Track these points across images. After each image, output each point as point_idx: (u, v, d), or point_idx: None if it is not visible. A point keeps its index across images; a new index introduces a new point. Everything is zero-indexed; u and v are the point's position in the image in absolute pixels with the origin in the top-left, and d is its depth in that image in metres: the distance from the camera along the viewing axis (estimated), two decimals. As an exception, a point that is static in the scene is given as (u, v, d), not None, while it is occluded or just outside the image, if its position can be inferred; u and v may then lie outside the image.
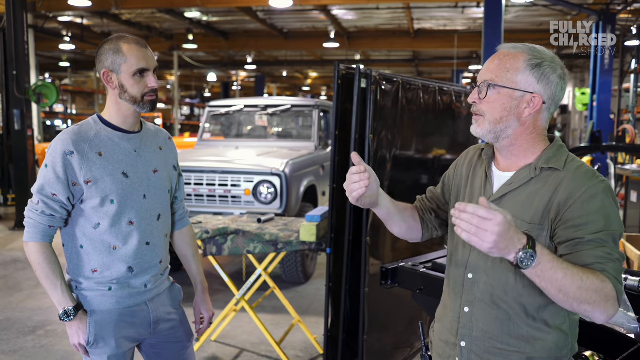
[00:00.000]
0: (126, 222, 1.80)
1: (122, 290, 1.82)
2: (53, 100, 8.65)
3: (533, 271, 1.16)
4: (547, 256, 1.16)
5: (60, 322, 1.86)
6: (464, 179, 1.53)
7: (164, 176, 1.93)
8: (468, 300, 1.42)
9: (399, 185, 3.39)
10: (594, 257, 1.23)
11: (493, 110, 1.35)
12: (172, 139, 2.04)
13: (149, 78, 1.77)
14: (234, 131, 6.59)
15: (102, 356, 1.80)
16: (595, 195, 1.27)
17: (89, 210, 1.77)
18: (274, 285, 3.69)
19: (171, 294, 2.00)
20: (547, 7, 11.00)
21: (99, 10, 11.73)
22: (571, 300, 1.19)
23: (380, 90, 3.05)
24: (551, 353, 1.35)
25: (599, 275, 1.20)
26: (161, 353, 1.97)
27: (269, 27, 14.50)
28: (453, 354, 1.47)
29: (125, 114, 1.81)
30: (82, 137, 1.75)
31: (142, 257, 1.84)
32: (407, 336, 3.59)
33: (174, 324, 1.98)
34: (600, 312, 1.20)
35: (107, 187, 1.76)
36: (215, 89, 30.45)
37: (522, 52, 1.34)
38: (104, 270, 1.79)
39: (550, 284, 1.17)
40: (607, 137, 10.67)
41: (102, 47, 1.79)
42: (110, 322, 1.80)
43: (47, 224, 1.75)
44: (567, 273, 1.17)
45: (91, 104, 22.97)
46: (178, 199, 2.08)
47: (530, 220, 1.32)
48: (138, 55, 1.75)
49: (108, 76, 1.77)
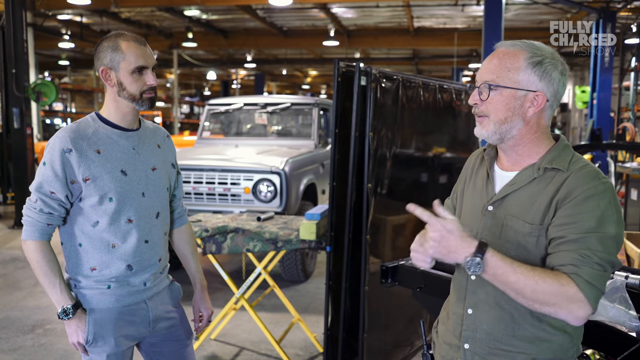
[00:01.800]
0: (125, 220, 1.79)
1: (121, 289, 1.81)
2: (52, 98, 8.64)
3: (485, 276, 1.21)
4: (498, 262, 1.20)
5: (59, 321, 1.86)
6: (467, 180, 1.53)
7: (163, 174, 1.92)
8: (472, 302, 1.41)
9: (399, 183, 3.38)
10: (569, 259, 1.22)
11: (497, 111, 1.34)
12: (170, 137, 2.04)
13: (148, 75, 1.76)
14: (233, 129, 6.58)
15: (101, 355, 1.79)
16: (592, 196, 1.25)
17: (88, 208, 1.76)
18: (273, 284, 3.68)
19: (171, 293, 1.99)
20: (547, 5, 10.98)
21: (98, 8, 11.72)
22: (530, 302, 1.21)
23: (380, 88, 3.04)
24: (556, 355, 1.34)
25: (560, 278, 1.20)
26: (161, 352, 1.97)
27: (269, 25, 14.49)
28: (456, 356, 1.45)
29: (123, 111, 1.80)
30: (81, 135, 1.73)
31: (141, 255, 1.83)
32: (407, 335, 3.59)
33: (174, 323, 1.97)
34: (565, 314, 1.20)
35: (105, 185, 1.74)
36: (215, 87, 30.44)
37: (521, 49, 1.32)
38: (103, 269, 1.78)
39: (505, 286, 1.22)
40: (607, 135, 10.67)
41: (100, 44, 1.77)
42: (109, 321, 1.79)
43: (45, 222, 1.74)
44: (520, 277, 1.19)
45: (90, 102, 22.97)
46: (177, 197, 2.07)
47: (531, 220, 1.31)
48: (137, 52, 1.74)
49: (106, 74, 1.76)
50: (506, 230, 1.34)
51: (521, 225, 1.31)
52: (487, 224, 1.39)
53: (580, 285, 1.19)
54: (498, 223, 1.37)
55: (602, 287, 1.22)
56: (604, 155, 10.39)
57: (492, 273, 1.20)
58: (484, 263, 1.19)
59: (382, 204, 3.16)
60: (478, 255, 1.19)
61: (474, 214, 1.44)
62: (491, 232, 1.38)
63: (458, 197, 1.57)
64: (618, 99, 12.73)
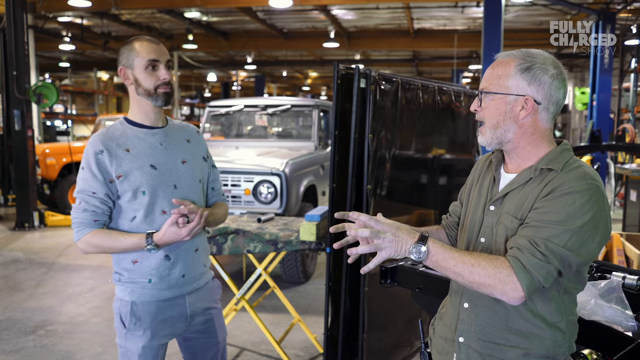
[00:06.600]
0: (159, 211, 1.89)
1: (161, 282, 1.90)
2: (53, 100, 8.65)
3: (428, 261, 1.32)
4: (439, 248, 1.31)
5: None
6: (475, 182, 1.58)
7: (194, 167, 2.00)
8: (468, 296, 1.45)
9: (399, 184, 3.40)
10: (518, 243, 1.30)
11: (490, 116, 1.41)
12: (200, 132, 2.13)
13: (161, 70, 1.87)
14: (234, 131, 6.60)
15: (137, 344, 1.88)
16: (571, 193, 1.28)
17: (125, 205, 1.87)
18: (274, 285, 3.70)
19: (210, 289, 2.07)
20: (546, 6, 11.01)
21: (98, 10, 11.73)
22: (469, 283, 1.30)
23: (379, 90, 3.05)
24: (548, 350, 1.37)
25: (496, 261, 1.28)
26: (193, 345, 2.05)
27: (269, 27, 14.51)
28: (451, 350, 1.50)
29: (145, 109, 1.92)
30: (110, 137, 1.87)
31: (178, 245, 1.91)
32: (407, 335, 3.60)
33: (209, 319, 2.05)
34: (500, 294, 1.27)
35: (137, 180, 1.85)
36: (215, 89, 30.47)
37: (514, 58, 1.39)
38: (144, 260, 1.88)
39: (446, 271, 1.32)
40: (607, 137, 10.68)
41: (120, 49, 1.92)
42: (149, 313, 1.89)
43: (91, 219, 1.85)
44: (458, 261, 1.30)
45: (91, 104, 22.99)
46: (215, 189, 2.13)
47: (520, 217, 1.36)
48: (148, 48, 1.86)
49: (124, 73, 1.89)
50: (499, 227, 1.40)
51: (510, 221, 1.37)
52: (487, 223, 1.44)
53: (516, 269, 1.26)
54: (495, 221, 1.42)
55: (539, 276, 1.26)
56: (604, 156, 10.40)
57: (434, 259, 1.31)
58: (427, 250, 1.30)
59: (381, 205, 3.17)
60: (421, 243, 1.30)
61: (477, 213, 1.49)
62: (489, 229, 1.43)
63: (465, 199, 1.62)
64: (618, 100, 12.75)
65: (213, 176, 2.13)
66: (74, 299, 4.96)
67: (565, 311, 1.37)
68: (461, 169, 4.13)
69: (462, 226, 1.57)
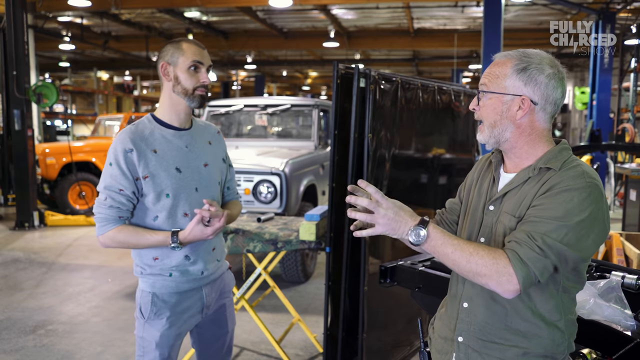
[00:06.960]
0: (181, 214, 1.94)
1: (181, 277, 1.96)
2: (53, 100, 8.66)
3: (427, 246, 1.31)
4: (439, 234, 1.30)
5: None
6: (474, 181, 1.58)
7: (214, 169, 2.05)
8: (467, 295, 1.46)
9: (398, 184, 3.40)
10: (517, 237, 1.29)
11: (488, 115, 1.42)
12: (220, 133, 2.16)
13: (202, 74, 1.92)
14: (233, 131, 6.60)
15: (155, 333, 1.94)
16: (569, 190, 1.29)
17: (149, 204, 1.91)
18: (273, 284, 3.70)
19: (225, 280, 2.13)
20: (546, 6, 11.01)
21: (98, 10, 11.74)
22: (465, 272, 1.30)
23: (379, 89, 3.06)
24: (547, 349, 1.37)
25: (495, 252, 1.28)
26: (203, 333, 2.11)
27: (269, 26, 14.51)
28: (451, 349, 1.50)
29: (177, 109, 1.94)
30: (139, 136, 1.89)
31: (197, 246, 1.97)
32: (407, 334, 3.60)
33: (221, 308, 2.11)
34: (495, 285, 1.27)
35: (162, 182, 1.89)
36: (215, 88, 30.42)
37: (511, 58, 1.40)
38: (164, 258, 1.94)
39: (444, 257, 1.31)
40: (607, 136, 10.69)
41: (165, 46, 1.95)
42: (168, 303, 1.95)
43: (116, 215, 1.88)
44: (457, 248, 1.29)
45: (91, 104, 22.97)
46: (230, 189, 2.19)
47: (518, 215, 1.36)
48: (195, 51, 1.91)
49: (165, 69, 1.92)
50: (498, 226, 1.41)
51: (509, 220, 1.37)
52: (487, 222, 1.44)
53: (513, 261, 1.26)
54: (495, 220, 1.42)
55: (536, 269, 1.26)
56: (604, 156, 10.40)
57: (432, 244, 1.30)
58: (427, 234, 1.29)
59: (381, 204, 3.16)
60: (421, 226, 1.29)
61: (477, 213, 1.49)
62: (489, 229, 1.43)
63: (464, 198, 1.62)
64: (618, 99, 12.75)
65: (229, 176, 2.19)
66: (74, 299, 4.96)
67: (564, 310, 1.38)
68: (461, 168, 4.13)
69: (461, 226, 1.57)
